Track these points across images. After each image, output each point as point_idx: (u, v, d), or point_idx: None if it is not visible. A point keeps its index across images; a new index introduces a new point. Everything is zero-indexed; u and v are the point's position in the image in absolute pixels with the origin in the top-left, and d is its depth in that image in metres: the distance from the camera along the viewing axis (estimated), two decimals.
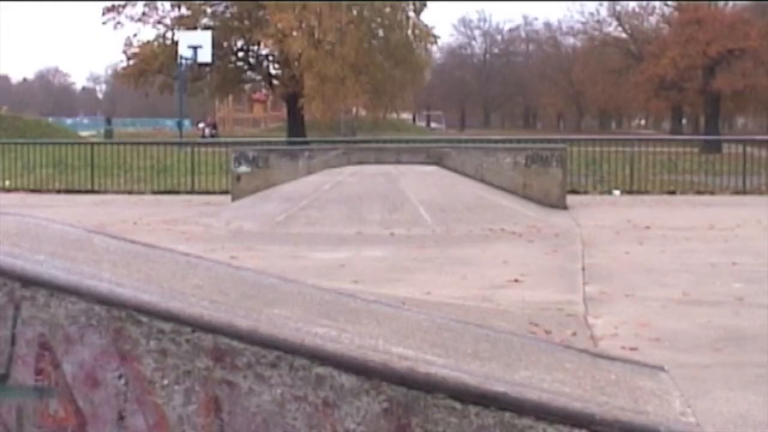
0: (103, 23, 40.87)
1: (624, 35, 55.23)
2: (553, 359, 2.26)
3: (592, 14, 59.27)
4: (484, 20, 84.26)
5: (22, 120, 40.93)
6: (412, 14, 40.45)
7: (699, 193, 16.43)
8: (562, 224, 11.09)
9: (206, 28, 38.89)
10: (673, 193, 16.41)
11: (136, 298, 1.98)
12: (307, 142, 24.53)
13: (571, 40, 66.25)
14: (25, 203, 14.09)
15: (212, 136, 44.06)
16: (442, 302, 5.70)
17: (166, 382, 1.94)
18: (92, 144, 22.28)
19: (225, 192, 15.41)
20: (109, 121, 54.60)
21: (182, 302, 2.02)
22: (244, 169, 14.12)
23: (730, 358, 4.57)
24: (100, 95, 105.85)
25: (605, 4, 55.66)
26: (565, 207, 13.13)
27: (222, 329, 1.93)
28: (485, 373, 1.95)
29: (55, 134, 37.28)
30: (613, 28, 56.29)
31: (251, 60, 43.07)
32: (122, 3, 40.61)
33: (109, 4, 40.74)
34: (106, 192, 17.35)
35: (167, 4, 41.05)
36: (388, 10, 39.63)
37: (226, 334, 1.92)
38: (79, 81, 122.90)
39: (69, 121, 70.14)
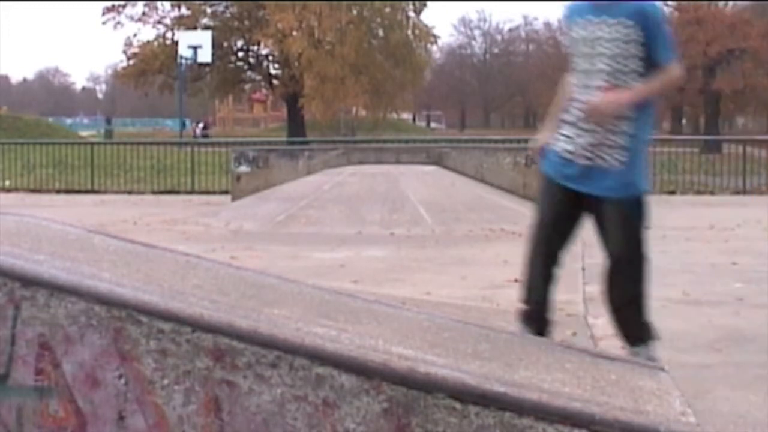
0: (103, 23, 40.95)
1: None
2: (553, 359, 2.26)
3: None
4: (484, 20, 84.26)
5: (22, 120, 40.96)
6: (412, 14, 40.50)
7: (699, 193, 16.42)
8: None
9: (206, 28, 38.93)
10: (673, 193, 16.40)
11: (136, 298, 1.98)
12: (307, 142, 24.54)
13: None
14: (25, 203, 14.09)
15: (204, 136, 44.10)
16: (442, 302, 5.69)
17: (166, 382, 1.94)
18: (92, 144, 22.27)
19: (225, 192, 15.40)
20: (109, 121, 54.65)
21: (182, 302, 2.02)
22: (244, 169, 14.11)
23: (730, 358, 4.56)
24: (100, 95, 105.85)
25: None
26: None
27: (222, 329, 1.93)
28: (485, 373, 1.95)
29: (55, 134, 37.28)
30: None
31: (251, 60, 43.10)
32: (122, 3, 40.64)
33: (109, 4, 40.79)
34: (106, 192, 17.34)
35: (167, 4, 41.11)
36: (388, 10, 39.66)
37: (226, 334, 1.92)
38: (79, 81, 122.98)
39: (69, 121, 70.13)
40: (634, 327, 3.98)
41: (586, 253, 8.56)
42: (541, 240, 4.08)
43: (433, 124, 78.81)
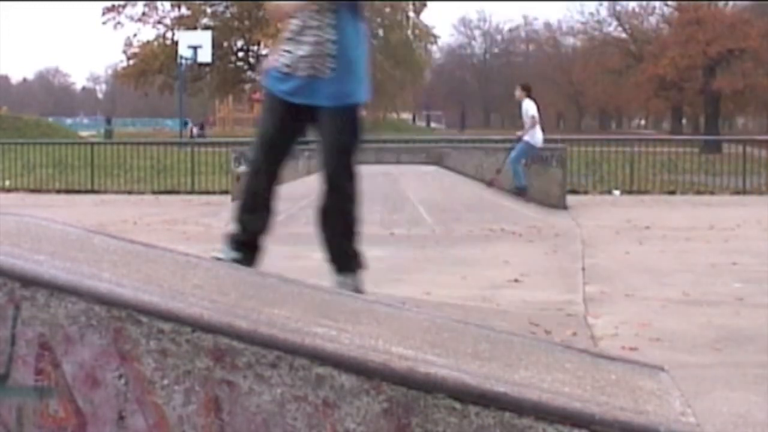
0: (103, 23, 41.04)
1: (624, 35, 55.27)
2: (553, 359, 2.26)
3: (592, 14, 59.38)
4: (484, 20, 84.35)
5: (22, 120, 40.97)
6: (412, 14, 40.54)
7: (699, 193, 16.42)
8: (562, 224, 11.09)
9: (206, 28, 38.95)
10: (673, 193, 16.41)
11: (136, 298, 1.98)
12: (307, 142, 24.50)
13: (571, 40, 66.34)
14: (25, 203, 14.09)
15: (200, 136, 44.16)
16: (442, 302, 5.69)
17: (166, 382, 1.94)
18: (92, 144, 22.27)
19: (225, 192, 15.40)
20: (109, 121, 54.67)
21: (182, 302, 2.02)
22: (244, 169, 14.10)
23: (730, 358, 4.56)
24: (100, 95, 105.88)
25: (605, 4, 55.73)
26: (565, 207, 13.12)
27: (222, 329, 1.93)
28: (485, 373, 1.95)
29: (55, 134, 37.28)
30: (613, 28, 56.35)
31: (251, 60, 43.13)
32: (122, 3, 40.69)
33: (109, 4, 40.85)
34: (106, 192, 17.34)
35: (167, 4, 41.17)
36: (388, 10, 39.70)
37: (226, 334, 1.92)
38: (79, 81, 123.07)
39: (69, 121, 70.16)
40: (342, 254, 4.06)
41: (586, 253, 8.57)
42: (264, 157, 4.12)
43: (433, 124, 78.85)
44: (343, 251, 4.02)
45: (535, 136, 13.28)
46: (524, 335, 2.73)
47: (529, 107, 13.33)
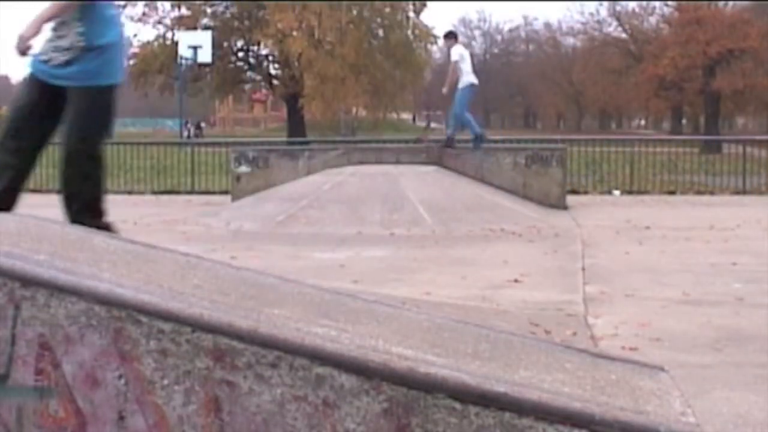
0: None
1: (624, 35, 55.28)
2: (553, 359, 2.26)
3: (592, 14, 59.54)
4: (484, 20, 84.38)
5: None
6: (412, 14, 40.52)
7: (699, 193, 16.42)
8: (562, 224, 11.09)
9: (206, 28, 38.93)
10: (673, 193, 16.41)
11: (136, 298, 1.98)
12: (307, 142, 24.54)
13: (571, 40, 66.34)
14: (25, 203, 14.07)
15: (196, 136, 44.16)
16: (442, 302, 5.69)
17: (166, 382, 1.94)
18: None
19: (225, 192, 15.40)
20: None
21: (182, 302, 2.02)
22: (244, 169, 14.11)
23: (730, 358, 4.56)
24: None
25: (605, 4, 55.74)
26: (565, 207, 13.12)
27: (222, 329, 1.93)
28: (485, 373, 1.95)
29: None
30: (613, 28, 56.36)
31: (251, 60, 43.12)
32: (122, 3, 40.62)
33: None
34: (106, 192, 17.33)
35: (167, 4, 41.13)
36: (388, 10, 39.69)
37: (226, 334, 1.92)
38: None
39: None
40: (83, 224, 4.18)
41: (586, 253, 8.57)
42: (11, 131, 4.40)
43: (433, 124, 78.76)
44: (82, 222, 4.25)
45: (466, 79, 12.99)
46: (524, 335, 2.73)
47: (453, 52, 12.99)
